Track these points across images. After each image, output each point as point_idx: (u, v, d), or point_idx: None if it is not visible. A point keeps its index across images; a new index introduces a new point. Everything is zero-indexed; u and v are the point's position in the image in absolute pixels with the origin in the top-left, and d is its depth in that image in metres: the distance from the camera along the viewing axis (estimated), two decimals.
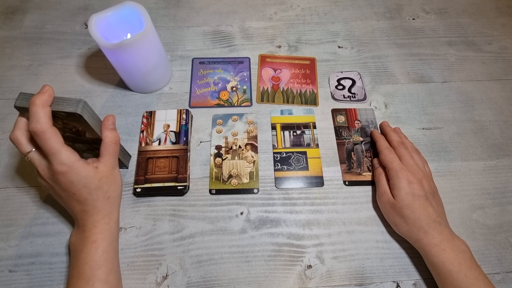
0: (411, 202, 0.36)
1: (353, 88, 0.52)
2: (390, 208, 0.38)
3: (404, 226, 0.37)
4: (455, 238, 0.35)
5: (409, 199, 0.36)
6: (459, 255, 0.34)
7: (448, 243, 0.34)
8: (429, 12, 0.61)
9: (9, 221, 0.40)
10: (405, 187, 0.37)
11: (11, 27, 0.57)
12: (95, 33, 0.39)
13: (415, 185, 0.37)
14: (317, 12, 0.61)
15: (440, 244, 0.34)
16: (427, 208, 0.36)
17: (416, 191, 0.37)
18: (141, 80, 0.47)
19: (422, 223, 0.36)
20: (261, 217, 0.41)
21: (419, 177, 0.38)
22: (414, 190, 0.37)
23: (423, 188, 0.37)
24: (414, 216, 0.36)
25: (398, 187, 0.37)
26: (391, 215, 0.38)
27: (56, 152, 0.31)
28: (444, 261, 0.34)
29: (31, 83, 0.51)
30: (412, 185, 0.37)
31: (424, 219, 0.36)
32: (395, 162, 0.39)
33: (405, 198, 0.37)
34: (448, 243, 0.35)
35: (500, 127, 0.49)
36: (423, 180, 0.38)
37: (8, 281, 0.37)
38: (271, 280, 0.38)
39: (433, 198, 0.38)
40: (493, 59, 0.55)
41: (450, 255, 0.34)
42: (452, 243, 0.35)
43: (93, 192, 0.34)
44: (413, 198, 0.36)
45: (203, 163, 0.45)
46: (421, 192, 0.37)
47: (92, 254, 0.33)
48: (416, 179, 0.37)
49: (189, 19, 0.59)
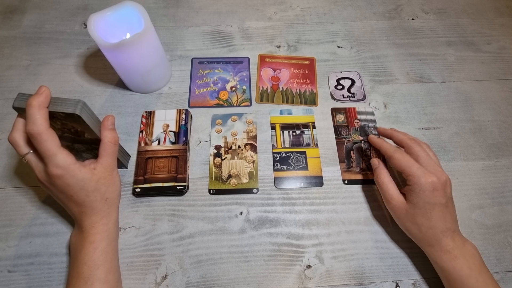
0: (429, 210, 0.34)
1: (353, 88, 0.52)
2: (402, 213, 0.36)
3: (416, 232, 0.36)
4: (465, 243, 0.34)
5: (427, 207, 0.34)
6: (469, 260, 0.33)
7: (459, 250, 0.34)
8: (428, 12, 0.61)
9: (8, 221, 0.40)
10: (428, 195, 0.34)
11: (10, 26, 0.57)
12: (94, 33, 0.39)
13: (439, 192, 0.34)
14: (316, 12, 0.61)
15: (452, 251, 0.33)
16: (445, 216, 0.34)
17: (438, 199, 0.34)
18: (140, 80, 0.47)
19: (437, 231, 0.34)
20: (260, 217, 0.41)
21: (443, 180, 0.34)
22: (437, 198, 0.33)
23: (445, 195, 0.34)
24: (430, 224, 0.34)
25: (418, 194, 0.34)
26: (402, 220, 0.36)
27: (52, 154, 0.31)
28: (454, 266, 0.33)
29: (30, 83, 0.51)
30: (436, 193, 0.33)
31: (439, 227, 0.34)
32: (414, 166, 0.35)
33: (423, 206, 0.34)
34: (460, 249, 0.34)
35: (499, 127, 0.49)
36: (447, 184, 0.35)
37: (7, 281, 0.37)
38: (270, 280, 0.38)
39: (452, 203, 0.36)
40: (492, 59, 0.55)
41: (461, 261, 0.33)
42: (463, 249, 0.34)
43: (90, 194, 0.33)
44: (432, 206, 0.34)
45: (203, 163, 0.45)
46: (443, 199, 0.34)
47: (90, 255, 0.33)
48: (441, 184, 0.34)
49: (189, 19, 0.59)
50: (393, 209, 0.37)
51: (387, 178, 0.38)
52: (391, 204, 0.37)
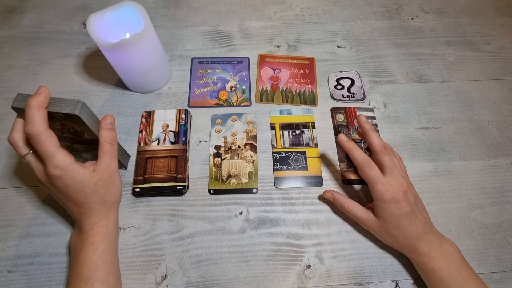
0: (398, 221, 0.35)
1: (352, 88, 0.52)
2: (377, 229, 0.37)
3: (394, 243, 0.37)
4: (443, 243, 0.35)
5: (395, 220, 0.35)
6: (448, 260, 0.34)
7: (437, 251, 0.34)
8: (428, 12, 0.61)
9: (7, 221, 0.40)
10: (392, 208, 0.35)
11: (10, 26, 0.56)
12: (93, 33, 0.39)
13: (401, 203, 0.35)
14: (316, 12, 0.61)
15: (429, 253, 0.34)
16: (414, 222, 0.35)
17: (403, 209, 0.35)
18: (140, 80, 0.47)
19: (411, 238, 0.35)
20: (260, 217, 0.41)
21: (404, 190, 0.35)
22: (402, 209, 0.35)
23: (409, 203, 0.35)
24: (403, 233, 0.35)
25: (384, 210, 0.35)
26: (379, 234, 0.38)
27: (51, 155, 0.30)
28: (434, 268, 0.34)
29: (30, 83, 0.51)
30: (399, 205, 0.35)
31: (412, 234, 0.35)
32: (379, 181, 0.35)
33: (392, 219, 0.35)
34: (437, 250, 0.34)
35: (498, 127, 0.49)
36: (407, 192, 0.35)
37: (7, 282, 0.37)
38: (270, 279, 0.38)
39: (418, 207, 0.36)
40: (492, 59, 0.55)
41: (440, 262, 0.34)
42: (441, 249, 0.35)
43: (88, 195, 0.33)
44: (399, 217, 0.35)
45: (202, 163, 0.45)
46: (407, 208, 0.35)
47: (90, 256, 0.33)
48: (402, 194, 0.35)
49: (188, 19, 0.58)
50: (369, 228, 0.38)
51: (350, 204, 0.39)
52: (365, 225, 0.38)
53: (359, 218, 0.38)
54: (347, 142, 0.39)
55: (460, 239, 0.40)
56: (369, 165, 0.36)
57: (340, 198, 0.39)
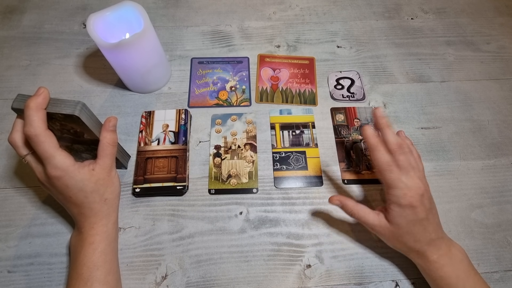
0: (412, 227, 0.33)
1: (352, 88, 0.52)
2: (387, 235, 0.35)
3: (403, 249, 0.36)
4: (451, 248, 0.34)
5: (409, 226, 0.33)
6: (456, 267, 0.33)
7: (445, 257, 0.34)
8: (428, 11, 0.61)
9: (7, 221, 0.40)
10: (408, 214, 0.33)
11: (9, 26, 0.56)
12: (93, 33, 0.39)
13: (418, 209, 0.33)
14: (316, 12, 0.61)
15: (438, 260, 0.34)
16: (428, 228, 0.34)
17: (418, 215, 0.33)
18: (140, 80, 0.47)
19: (422, 243, 0.34)
20: (260, 216, 0.41)
21: (421, 193, 0.33)
22: (417, 214, 0.33)
23: (425, 208, 0.33)
24: (414, 239, 0.34)
25: (400, 215, 0.33)
26: (389, 240, 0.36)
27: (50, 156, 0.31)
28: (442, 275, 0.33)
29: (30, 83, 0.51)
30: (415, 210, 0.33)
31: (423, 240, 0.34)
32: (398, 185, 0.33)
33: (406, 226, 0.33)
34: (446, 256, 0.34)
35: (498, 127, 0.49)
36: (424, 196, 0.33)
37: (7, 282, 0.37)
38: (270, 279, 0.38)
39: (432, 212, 0.34)
40: (492, 59, 0.55)
41: (449, 269, 0.33)
42: (449, 255, 0.34)
43: (89, 195, 0.33)
44: (414, 223, 0.33)
45: (202, 163, 0.45)
46: (423, 214, 0.33)
47: (90, 256, 0.33)
48: (419, 198, 0.33)
49: (188, 19, 0.58)
50: (379, 233, 0.36)
51: (360, 210, 0.36)
52: (375, 231, 0.36)
53: (370, 225, 0.35)
54: (373, 137, 0.35)
55: (460, 239, 0.40)
56: (390, 169, 0.34)
57: (349, 204, 0.36)
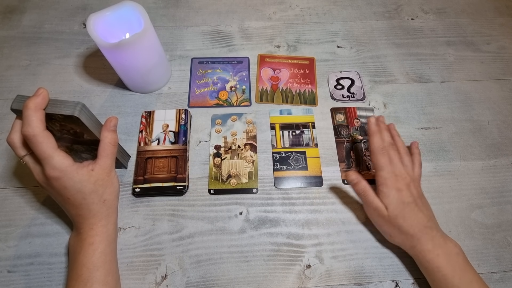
0: (402, 210, 0.36)
1: (352, 88, 0.52)
2: (384, 221, 0.37)
3: (398, 236, 0.37)
4: (447, 241, 0.35)
5: (400, 207, 0.36)
6: (452, 259, 0.34)
7: (441, 248, 0.35)
8: (428, 12, 0.61)
9: (7, 221, 0.40)
10: (395, 195, 0.36)
11: (9, 26, 0.56)
12: (93, 33, 0.39)
13: (403, 192, 0.36)
14: (316, 12, 0.61)
15: (433, 250, 0.34)
16: (418, 214, 0.36)
17: (405, 198, 0.36)
18: (140, 80, 0.47)
19: (415, 230, 0.35)
20: (260, 217, 0.41)
21: (407, 182, 0.37)
22: (403, 197, 0.36)
23: (411, 194, 0.37)
24: (407, 224, 0.36)
25: (388, 196, 0.36)
26: (385, 227, 0.38)
27: (48, 156, 0.30)
28: (438, 266, 0.34)
29: (29, 83, 0.51)
30: (401, 193, 0.36)
31: (416, 225, 0.35)
32: (386, 169, 0.37)
33: (397, 207, 0.36)
34: (441, 248, 0.35)
35: (498, 127, 0.49)
36: (410, 185, 0.37)
37: (6, 282, 0.37)
38: (270, 279, 0.38)
39: (422, 202, 0.37)
40: (492, 59, 0.55)
41: (444, 260, 0.34)
42: (445, 248, 0.35)
43: (87, 196, 0.33)
44: (403, 205, 0.36)
45: (202, 163, 0.45)
46: (410, 198, 0.36)
47: (89, 256, 0.33)
48: (404, 184, 0.37)
49: (188, 19, 0.58)
50: (377, 218, 0.38)
51: (371, 191, 0.38)
52: (375, 213, 0.38)
53: (375, 206, 0.37)
54: (374, 125, 0.40)
55: (460, 239, 0.40)
56: (383, 152, 0.38)
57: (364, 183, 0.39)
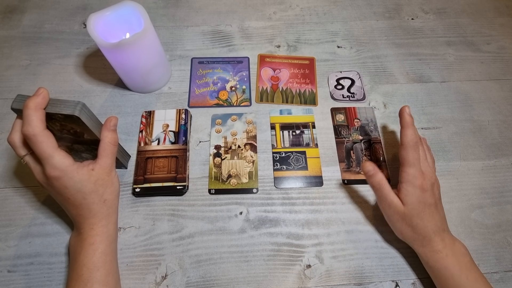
0: (422, 210, 0.35)
1: (352, 88, 0.52)
2: (399, 217, 0.36)
3: (409, 234, 0.36)
4: (455, 242, 0.36)
5: (420, 207, 0.35)
6: (460, 259, 0.34)
7: (450, 249, 0.35)
8: (428, 12, 0.61)
9: (7, 221, 0.40)
10: (419, 195, 0.35)
11: (10, 26, 0.56)
12: (93, 33, 0.39)
13: (428, 192, 0.35)
14: (316, 12, 0.61)
15: (443, 250, 0.34)
16: (435, 216, 0.36)
17: (428, 199, 0.35)
18: (140, 80, 0.47)
19: (429, 231, 0.35)
20: (260, 216, 0.41)
21: (432, 182, 0.36)
22: (427, 198, 0.35)
23: (434, 196, 0.36)
24: (423, 224, 0.35)
25: (411, 194, 0.35)
26: (398, 224, 0.37)
27: (48, 156, 0.30)
28: (446, 266, 0.34)
29: (30, 83, 0.51)
30: (425, 193, 0.35)
31: (431, 227, 0.35)
32: (415, 166, 0.36)
33: (417, 207, 0.35)
34: (450, 248, 0.35)
35: (498, 127, 0.49)
36: (434, 186, 0.37)
37: (6, 282, 0.37)
38: (270, 279, 0.38)
39: (440, 204, 0.37)
40: (492, 59, 0.55)
41: (452, 260, 0.34)
42: (453, 248, 0.35)
43: (87, 196, 0.33)
44: (424, 206, 0.35)
45: (202, 163, 0.45)
46: (432, 200, 0.36)
47: (90, 257, 0.33)
48: (430, 185, 0.36)
49: (188, 19, 0.58)
50: (391, 213, 0.37)
51: (387, 186, 0.37)
52: (391, 209, 0.36)
53: (389, 201, 0.36)
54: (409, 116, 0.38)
55: (460, 239, 0.40)
56: (415, 147, 0.36)
57: (380, 176, 0.37)
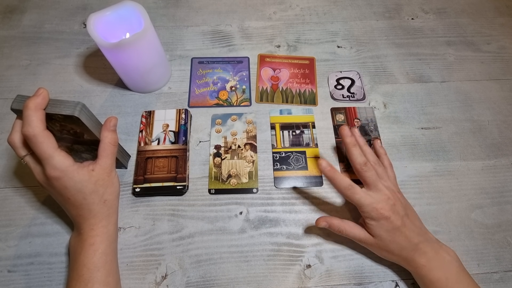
0: (393, 236, 0.35)
1: (352, 88, 0.52)
2: (375, 247, 0.36)
3: (392, 257, 0.37)
4: (439, 251, 0.35)
5: (390, 235, 0.35)
6: (445, 270, 0.34)
7: (434, 261, 0.34)
8: (428, 12, 0.61)
9: (8, 221, 0.40)
10: (383, 224, 0.35)
11: (10, 26, 0.56)
12: (93, 33, 0.39)
13: (391, 218, 0.35)
14: (316, 12, 0.61)
15: (427, 264, 0.34)
16: (408, 235, 0.35)
17: (394, 223, 0.35)
18: (140, 80, 0.47)
19: (408, 250, 0.35)
20: (260, 216, 0.41)
21: (392, 203, 0.35)
22: (392, 223, 0.35)
23: (399, 216, 0.35)
24: (399, 247, 0.35)
25: (376, 227, 0.35)
26: (378, 251, 0.37)
27: (48, 156, 0.30)
28: (431, 279, 0.34)
29: (30, 83, 0.51)
30: (389, 220, 0.35)
31: (408, 247, 0.35)
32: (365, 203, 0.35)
33: (387, 236, 0.35)
34: (434, 260, 0.34)
35: (498, 127, 0.49)
36: (396, 205, 0.35)
37: (6, 281, 0.37)
38: (270, 279, 0.38)
39: (408, 217, 0.36)
40: (492, 59, 0.55)
41: (438, 273, 0.34)
42: (438, 259, 0.34)
43: (88, 196, 0.33)
44: (393, 232, 0.35)
45: (202, 163, 0.45)
46: (398, 222, 0.35)
47: (90, 257, 0.33)
48: (389, 208, 0.35)
49: (188, 19, 0.58)
50: (367, 246, 0.38)
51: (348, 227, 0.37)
52: (364, 244, 0.37)
53: (359, 239, 0.37)
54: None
55: (460, 239, 0.40)
56: (352, 190, 0.35)
57: (335, 223, 0.37)
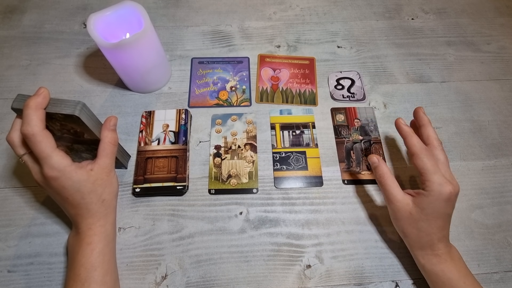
0: (435, 218, 0.33)
1: (352, 88, 0.52)
2: (405, 215, 0.35)
3: (412, 236, 0.35)
4: (451, 247, 0.35)
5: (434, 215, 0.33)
6: (456, 264, 0.34)
7: (448, 254, 0.34)
8: (428, 12, 0.61)
9: (7, 221, 0.40)
10: (441, 205, 0.33)
11: (10, 26, 0.56)
12: (94, 33, 0.39)
13: (451, 203, 0.33)
14: (316, 12, 0.61)
15: (442, 255, 0.34)
16: (445, 225, 0.34)
17: (448, 209, 0.33)
18: (140, 80, 0.47)
19: (434, 237, 0.34)
20: (260, 217, 0.41)
21: (457, 191, 0.34)
22: (447, 209, 0.33)
23: (453, 207, 0.34)
24: (430, 230, 0.34)
25: (432, 202, 0.33)
26: (402, 222, 0.35)
27: (47, 156, 0.30)
28: (444, 269, 0.34)
29: (30, 83, 0.51)
30: (449, 203, 0.33)
31: (437, 234, 0.34)
32: (437, 173, 0.33)
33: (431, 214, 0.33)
34: (448, 253, 0.35)
35: (498, 127, 0.49)
36: (456, 196, 0.34)
37: (6, 281, 0.37)
38: (270, 280, 0.38)
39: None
40: (492, 59, 0.55)
41: (451, 264, 0.34)
42: (450, 253, 0.35)
43: (86, 196, 0.33)
44: (439, 215, 0.33)
45: (202, 163, 0.45)
46: (451, 211, 0.34)
47: (87, 256, 0.33)
48: (455, 196, 0.33)
49: (188, 19, 0.58)
50: (396, 210, 0.35)
51: (390, 177, 0.36)
52: (394, 205, 0.35)
53: (392, 197, 0.35)
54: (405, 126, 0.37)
55: (460, 239, 0.40)
56: (427, 153, 0.34)
57: (384, 168, 0.36)
